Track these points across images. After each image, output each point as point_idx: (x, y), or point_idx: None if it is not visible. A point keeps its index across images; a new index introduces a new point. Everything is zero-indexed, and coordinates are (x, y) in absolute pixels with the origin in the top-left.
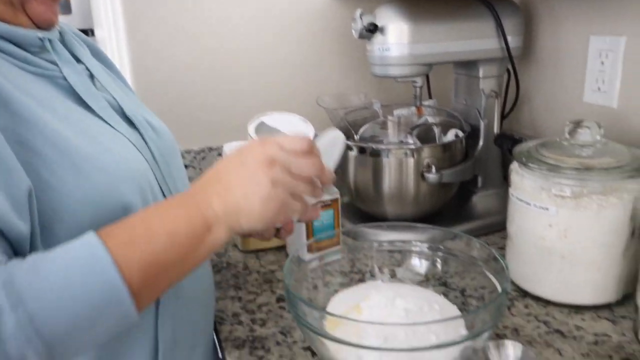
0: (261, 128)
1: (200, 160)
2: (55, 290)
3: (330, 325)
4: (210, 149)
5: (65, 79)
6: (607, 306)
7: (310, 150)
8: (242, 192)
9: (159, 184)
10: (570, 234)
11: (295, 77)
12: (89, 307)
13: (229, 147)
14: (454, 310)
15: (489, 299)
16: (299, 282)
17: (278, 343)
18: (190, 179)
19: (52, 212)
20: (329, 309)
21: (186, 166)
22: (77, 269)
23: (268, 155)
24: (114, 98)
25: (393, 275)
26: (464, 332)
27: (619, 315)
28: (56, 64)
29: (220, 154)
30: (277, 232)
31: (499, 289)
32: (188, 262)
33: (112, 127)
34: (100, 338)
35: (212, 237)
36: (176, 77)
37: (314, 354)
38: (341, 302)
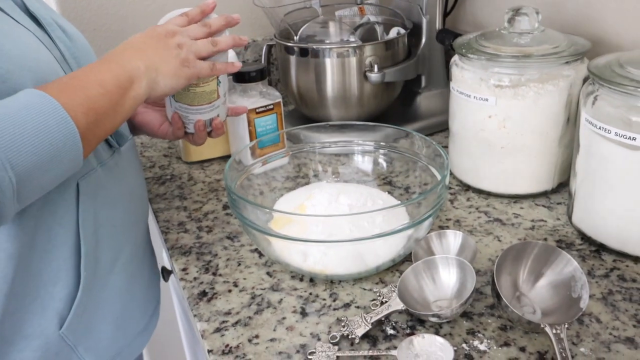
0: None
1: None
2: (19, 127)
3: (275, 226)
4: None
5: None
6: (544, 194)
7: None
8: (155, 54)
9: None
10: (509, 123)
11: None
12: (49, 144)
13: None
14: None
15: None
16: (245, 189)
17: (225, 247)
18: None
19: None
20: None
21: None
22: (33, 110)
23: (169, 29)
24: None
25: (337, 176)
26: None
27: (555, 202)
28: None
29: None
30: (209, 134)
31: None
32: (117, 113)
33: (13, 19)
34: (53, 182)
35: (135, 92)
36: None
37: (261, 255)
38: (286, 204)
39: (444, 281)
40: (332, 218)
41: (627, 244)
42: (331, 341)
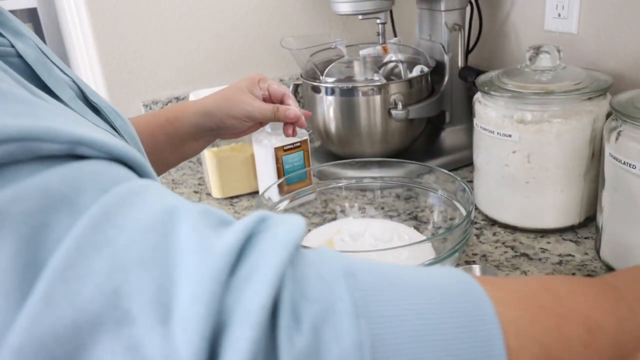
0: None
1: None
2: (412, 318)
3: None
4: (177, 99)
5: (19, 55)
6: (571, 228)
7: None
8: None
9: None
10: (533, 159)
11: (257, 20)
12: None
13: (195, 95)
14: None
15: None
16: None
17: None
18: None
19: None
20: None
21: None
22: (451, 307)
23: None
24: (72, 80)
25: (363, 212)
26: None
27: (582, 236)
28: (3, 36)
29: None
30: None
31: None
32: None
33: (83, 117)
34: None
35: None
36: (135, 26)
37: None
38: (314, 239)
39: None
40: (360, 254)
41: None
42: None
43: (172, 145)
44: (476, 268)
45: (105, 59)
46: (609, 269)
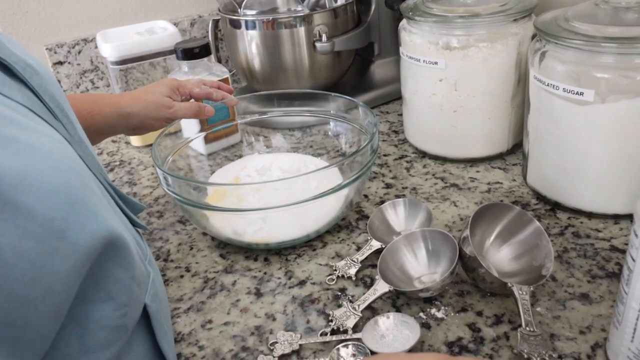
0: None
1: (76, 54)
2: None
3: (212, 201)
4: (85, 41)
5: None
6: (499, 156)
7: None
8: None
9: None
10: (460, 86)
11: None
12: None
13: (102, 36)
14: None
15: None
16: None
17: (177, 232)
18: (68, 77)
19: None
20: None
21: (61, 62)
22: None
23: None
24: None
25: (271, 148)
26: None
27: (510, 163)
28: None
29: (97, 46)
30: None
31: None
32: None
33: None
34: None
35: None
36: None
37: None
38: (219, 177)
39: (423, 255)
40: (267, 185)
41: (581, 201)
42: (320, 336)
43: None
44: (402, 202)
45: None
46: (536, 194)
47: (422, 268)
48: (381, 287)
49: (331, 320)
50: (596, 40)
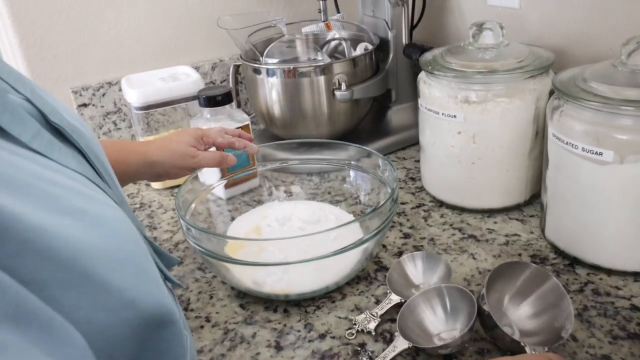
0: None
1: (100, 97)
2: None
3: (231, 250)
4: (110, 84)
5: None
6: (517, 207)
7: None
8: None
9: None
10: (479, 139)
11: None
12: None
13: (127, 80)
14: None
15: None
16: (215, 217)
17: (196, 280)
18: (92, 118)
19: None
20: (229, 234)
21: (85, 104)
22: None
23: None
24: (27, 99)
25: (290, 194)
26: None
27: (527, 214)
28: None
29: (120, 89)
30: None
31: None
32: None
33: (50, 159)
34: None
35: None
36: (56, 4)
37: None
38: (240, 227)
39: (442, 311)
40: (289, 240)
41: (600, 257)
42: None
43: None
44: (421, 255)
45: (25, 42)
46: (554, 248)
47: (441, 324)
48: (401, 343)
49: None
50: (614, 102)
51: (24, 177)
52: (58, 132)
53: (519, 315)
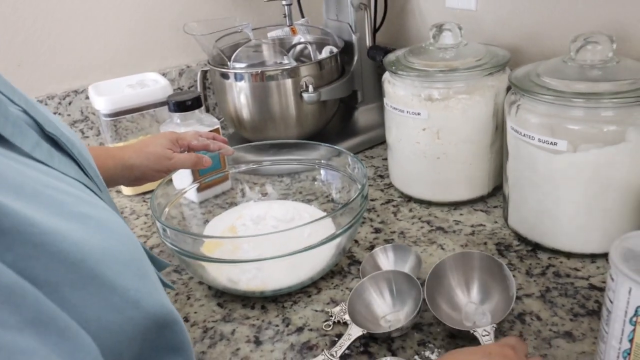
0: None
1: (66, 105)
2: None
3: (207, 250)
4: (76, 92)
5: None
6: (481, 199)
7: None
8: None
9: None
10: (443, 135)
11: (158, 4)
12: None
13: (94, 88)
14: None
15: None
16: (188, 220)
17: (173, 282)
18: None
19: None
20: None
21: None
22: None
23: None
24: (24, 111)
25: (265, 194)
26: None
27: (491, 205)
28: None
29: (87, 97)
30: None
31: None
32: None
33: (51, 167)
34: None
35: None
36: (21, 13)
37: (211, 286)
38: (216, 227)
39: (391, 295)
40: (263, 236)
41: (559, 241)
42: None
43: None
44: (393, 247)
45: None
46: (517, 235)
47: (387, 307)
48: (355, 331)
49: None
50: (566, 95)
51: (32, 184)
52: (54, 142)
53: (473, 302)
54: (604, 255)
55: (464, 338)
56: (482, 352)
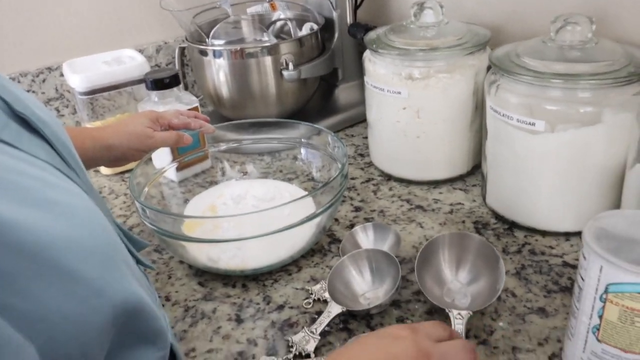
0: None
1: (40, 83)
2: None
3: (188, 229)
4: (50, 69)
5: None
6: (460, 178)
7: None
8: None
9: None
10: (423, 114)
11: None
12: None
13: (69, 65)
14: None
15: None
16: (168, 199)
17: (154, 261)
18: None
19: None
20: (186, 213)
21: (26, 92)
22: None
23: (423, 350)
24: None
25: (245, 173)
26: None
27: (470, 184)
28: None
29: (62, 75)
30: None
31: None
32: None
33: (19, 149)
34: None
35: None
36: None
37: (192, 265)
38: (196, 206)
39: (371, 273)
40: (244, 216)
41: (535, 220)
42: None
43: None
44: (373, 226)
45: None
46: (495, 214)
47: (366, 285)
48: (334, 309)
49: (291, 346)
50: (544, 76)
51: None
52: (24, 122)
53: (459, 280)
54: (578, 234)
55: (440, 315)
56: (391, 336)
